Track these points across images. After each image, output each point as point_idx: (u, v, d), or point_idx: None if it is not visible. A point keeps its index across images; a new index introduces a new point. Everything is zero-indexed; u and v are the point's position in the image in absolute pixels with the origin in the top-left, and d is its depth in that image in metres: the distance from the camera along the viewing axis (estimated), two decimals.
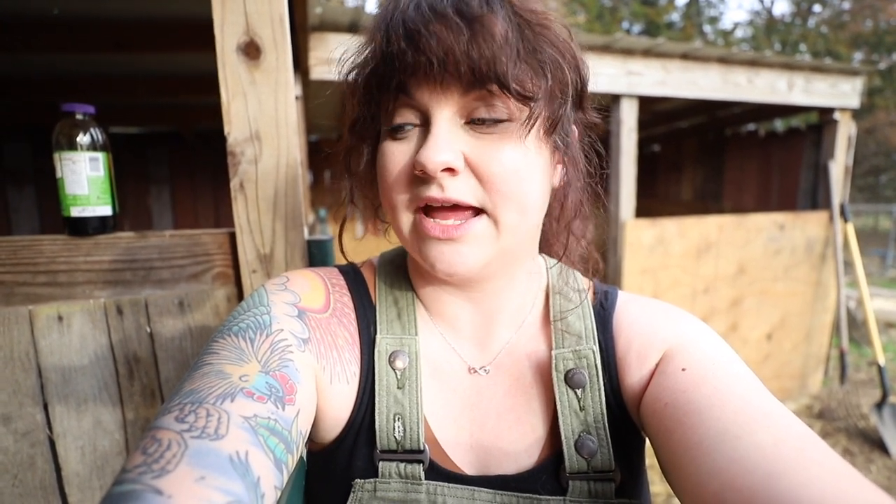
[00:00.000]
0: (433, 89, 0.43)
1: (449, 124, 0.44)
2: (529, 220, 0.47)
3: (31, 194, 3.44)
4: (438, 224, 0.45)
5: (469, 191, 0.44)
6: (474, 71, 0.40)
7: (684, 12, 18.97)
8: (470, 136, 0.44)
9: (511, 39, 0.41)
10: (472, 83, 0.42)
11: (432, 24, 0.40)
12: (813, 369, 3.24)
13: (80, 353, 0.82)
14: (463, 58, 0.40)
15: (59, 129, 0.78)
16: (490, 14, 0.40)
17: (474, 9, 0.40)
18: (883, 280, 7.56)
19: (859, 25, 15.52)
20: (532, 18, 0.43)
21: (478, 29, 0.40)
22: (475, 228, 0.45)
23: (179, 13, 1.67)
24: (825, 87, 2.93)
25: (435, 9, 0.40)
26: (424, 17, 0.40)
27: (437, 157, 0.42)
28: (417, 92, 0.44)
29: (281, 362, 0.44)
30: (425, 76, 0.42)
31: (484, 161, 0.44)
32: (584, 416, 0.50)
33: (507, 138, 0.44)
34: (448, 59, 0.40)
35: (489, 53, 0.40)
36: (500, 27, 0.40)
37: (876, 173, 15.38)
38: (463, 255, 0.46)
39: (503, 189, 0.44)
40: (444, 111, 0.44)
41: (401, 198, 0.47)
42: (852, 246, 3.01)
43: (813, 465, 0.33)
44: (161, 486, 0.30)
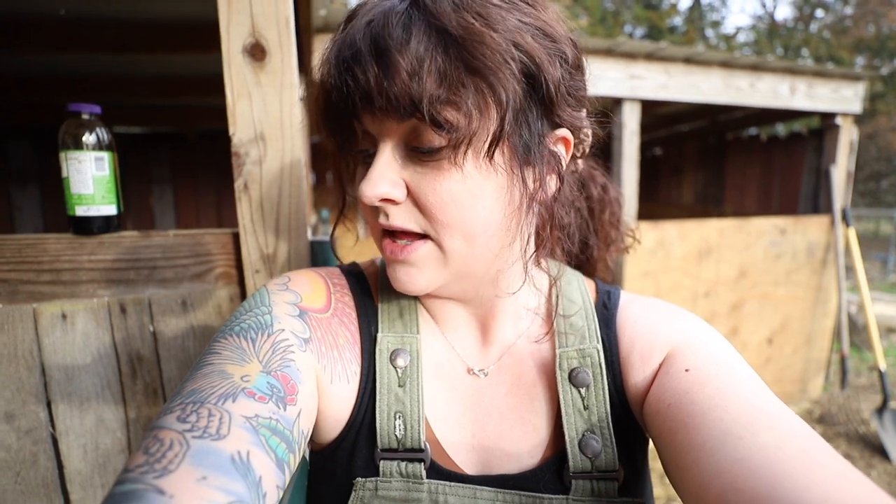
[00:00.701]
0: (374, 118, 0.44)
1: (392, 153, 0.45)
2: (481, 245, 0.46)
3: (34, 193, 3.45)
4: (391, 244, 0.48)
5: (411, 218, 0.46)
6: (393, 105, 0.40)
7: (687, 16, 18.99)
8: (413, 164, 0.45)
9: (427, 65, 0.39)
10: (402, 117, 0.41)
11: (351, 62, 0.41)
12: (814, 374, 3.23)
13: (84, 351, 0.83)
14: (379, 95, 0.40)
15: (65, 128, 0.79)
16: (404, 43, 0.39)
17: (387, 40, 0.39)
18: (884, 285, 7.54)
19: (861, 30, 15.52)
20: (461, 32, 0.39)
21: (386, 63, 0.39)
22: (420, 251, 0.47)
23: (185, 15, 1.68)
24: (827, 92, 2.93)
25: (355, 45, 0.41)
26: (348, 55, 0.41)
27: (372, 191, 0.44)
28: (365, 119, 0.44)
29: (282, 362, 0.44)
30: (363, 109, 0.43)
31: (422, 191, 0.44)
32: (588, 415, 0.50)
33: (445, 166, 0.43)
34: (370, 97, 0.41)
35: (400, 87, 0.39)
36: (412, 56, 0.39)
37: (877, 178, 15.36)
38: (412, 275, 0.48)
39: (442, 218, 0.44)
40: (387, 140, 0.44)
41: (369, 219, 0.50)
42: (854, 250, 3.01)
43: (816, 467, 0.33)
44: (163, 485, 0.31)
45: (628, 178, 2.55)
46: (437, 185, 0.43)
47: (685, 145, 4.66)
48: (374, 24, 0.40)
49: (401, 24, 0.40)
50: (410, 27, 0.40)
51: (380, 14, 0.41)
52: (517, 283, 0.53)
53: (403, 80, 0.39)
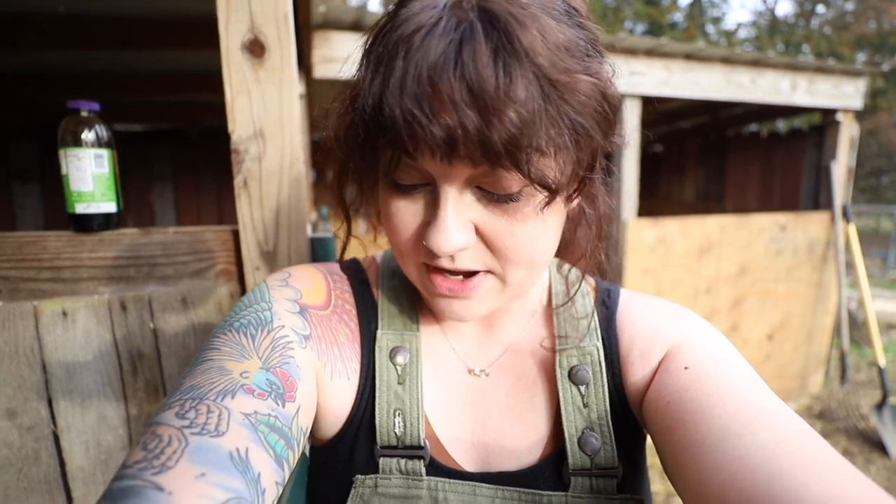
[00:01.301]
0: (440, 162, 0.37)
1: (458, 198, 0.40)
2: (538, 273, 0.46)
3: (35, 191, 3.44)
4: (447, 280, 0.44)
5: (479, 259, 0.43)
6: (488, 155, 0.35)
7: (687, 12, 18.92)
8: (480, 205, 0.41)
9: (533, 117, 0.34)
10: (486, 164, 0.36)
11: (436, 109, 0.34)
12: (813, 370, 3.24)
13: (85, 348, 0.83)
14: (473, 145, 0.34)
15: (64, 125, 0.79)
16: (508, 89, 0.33)
17: (488, 83, 0.33)
18: (884, 281, 7.54)
19: (863, 27, 15.46)
20: (559, 78, 0.35)
21: (492, 112, 0.33)
22: (483, 286, 0.44)
23: (184, 11, 1.68)
24: (828, 88, 2.92)
25: (437, 87, 0.33)
26: (426, 96, 0.34)
27: (449, 244, 0.39)
28: (423, 160, 0.38)
29: (282, 359, 0.44)
30: (431, 153, 0.36)
31: (497, 234, 0.41)
32: (588, 412, 0.50)
33: (521, 208, 0.40)
34: (455, 147, 0.35)
35: (506, 138, 0.34)
36: (519, 105, 0.33)
37: (878, 175, 15.33)
38: (470, 308, 0.46)
39: (513, 258, 0.42)
40: (453, 184, 0.39)
41: (409, 252, 0.45)
42: (854, 247, 3.00)
43: (815, 464, 0.33)
44: (161, 482, 0.31)
45: (629, 174, 2.54)
46: (513, 228, 0.41)
47: (686, 142, 4.65)
48: (464, 63, 0.33)
49: (496, 65, 0.33)
50: (509, 68, 0.33)
51: (461, 46, 0.34)
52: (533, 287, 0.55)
53: (509, 132, 0.34)
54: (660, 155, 5.08)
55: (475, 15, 0.35)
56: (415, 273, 0.47)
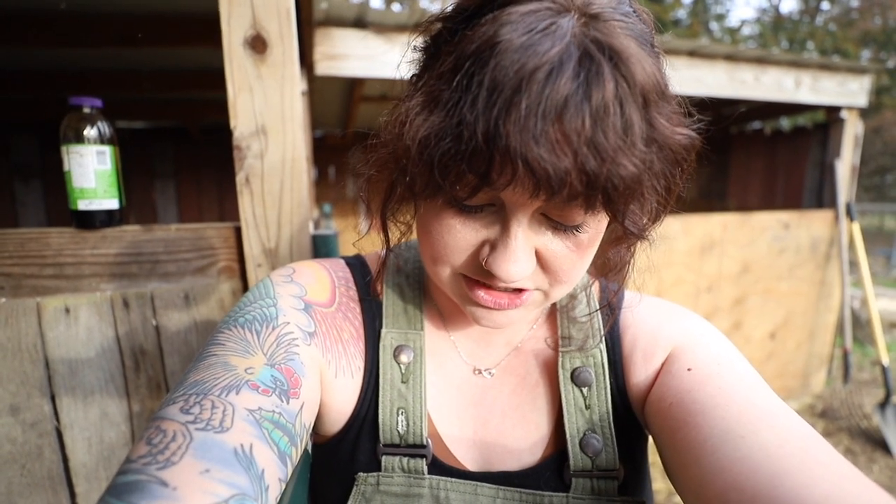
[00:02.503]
0: (522, 195, 0.35)
1: (528, 224, 0.39)
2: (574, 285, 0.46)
3: (37, 188, 3.45)
4: (493, 293, 0.43)
5: (532, 281, 0.43)
6: (588, 201, 0.35)
7: (691, 9, 18.83)
8: (546, 230, 0.40)
9: (643, 167, 0.34)
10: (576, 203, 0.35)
11: (559, 148, 0.32)
12: (816, 368, 3.23)
13: (87, 345, 0.83)
14: (580, 187, 0.33)
15: (66, 122, 0.78)
16: (625, 150, 0.32)
17: (613, 131, 0.32)
18: (888, 280, 7.51)
19: (868, 23, 15.36)
20: (667, 140, 0.35)
21: (610, 164, 0.32)
22: (526, 300, 0.44)
23: (186, 8, 1.68)
24: (832, 86, 2.90)
25: (565, 128, 0.31)
26: (551, 138, 0.32)
27: (516, 272, 0.39)
28: (502, 188, 0.35)
29: (287, 355, 0.44)
30: (524, 188, 0.34)
31: (557, 261, 0.41)
32: (590, 414, 0.50)
33: (584, 238, 0.41)
34: (562, 188, 0.33)
35: (610, 192, 0.34)
36: (635, 159, 0.33)
37: (882, 173, 15.26)
38: (510, 317, 0.45)
39: (566, 279, 0.43)
40: (526, 213, 0.39)
41: (452, 263, 0.43)
42: (857, 245, 2.99)
43: (817, 466, 0.33)
44: (166, 477, 0.31)
45: None
46: (573, 255, 0.41)
47: None
48: (594, 108, 0.31)
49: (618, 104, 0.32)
50: (630, 115, 0.32)
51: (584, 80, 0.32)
52: None
53: (622, 182, 0.33)
54: None
55: (594, 46, 0.32)
56: (450, 281, 0.45)
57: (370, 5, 1.89)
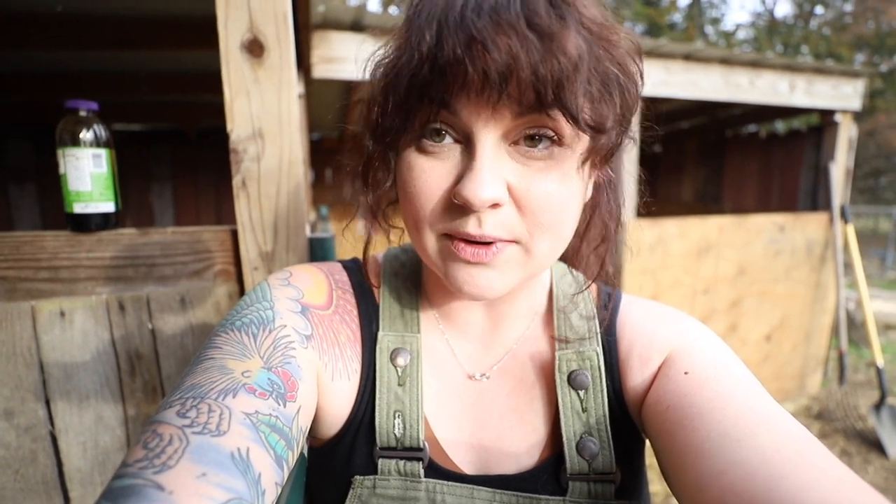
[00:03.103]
0: (482, 109, 0.38)
1: (495, 150, 0.39)
2: (561, 248, 0.45)
3: (32, 191, 3.44)
4: (471, 245, 0.42)
5: (507, 225, 0.41)
6: (539, 93, 0.35)
7: (686, 13, 18.95)
8: (515, 162, 0.40)
9: (584, 60, 0.35)
10: (531, 107, 0.37)
11: (500, 34, 0.34)
12: (812, 370, 3.24)
13: (82, 349, 0.83)
14: (529, 77, 0.35)
15: (62, 125, 0.78)
16: (563, 29, 0.35)
17: (546, 22, 0.34)
18: (882, 282, 7.55)
19: (861, 27, 15.50)
20: (602, 33, 0.37)
21: (550, 47, 0.34)
22: (506, 253, 0.43)
23: (183, 11, 1.68)
24: (826, 89, 2.93)
25: (501, 16, 0.34)
26: (490, 25, 0.34)
27: (484, 194, 0.38)
28: (464, 109, 0.38)
29: (283, 358, 0.44)
30: (478, 93, 0.36)
31: (530, 193, 0.40)
32: (587, 417, 0.50)
33: (557, 166, 0.40)
34: (511, 78, 0.35)
35: (559, 76, 0.34)
36: (573, 45, 0.35)
37: (876, 175, 15.37)
38: (492, 279, 0.43)
39: (543, 221, 0.41)
40: (490, 135, 0.39)
41: (429, 220, 0.43)
42: (852, 247, 3.01)
43: (813, 470, 0.33)
44: (162, 481, 0.30)
45: (628, 175, 2.55)
46: (547, 185, 0.40)
47: (684, 142, 4.66)
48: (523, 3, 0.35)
49: (547, 4, 0.35)
50: (563, 15, 0.35)
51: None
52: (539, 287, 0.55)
53: (570, 67, 0.34)
54: (658, 155, 5.09)
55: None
56: (433, 246, 0.45)
57: (367, 9, 1.89)
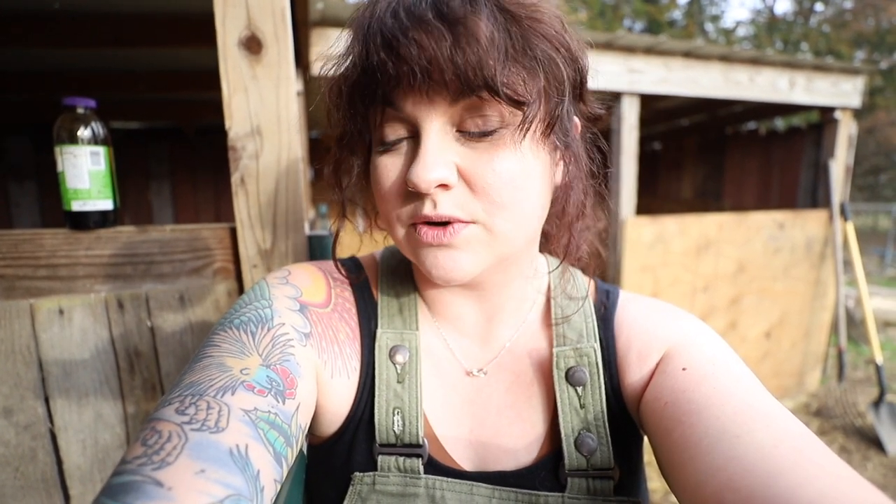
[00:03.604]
0: (419, 100, 0.41)
1: (439, 136, 0.42)
2: (525, 227, 0.46)
3: (32, 190, 3.43)
4: (431, 227, 0.44)
5: (462, 205, 0.43)
6: (461, 78, 0.38)
7: (686, 10, 18.91)
8: (462, 146, 0.43)
9: (498, 40, 0.38)
10: (460, 91, 0.39)
11: (411, 30, 0.37)
12: (811, 367, 3.25)
13: (81, 346, 0.83)
14: (447, 65, 0.37)
15: (60, 122, 0.78)
16: (473, 14, 0.37)
17: (456, 10, 0.37)
18: (882, 279, 7.56)
19: (861, 24, 15.47)
20: (520, 12, 0.40)
21: (461, 32, 0.37)
22: (465, 232, 0.44)
23: (181, 8, 1.67)
24: (826, 86, 2.92)
25: (413, 13, 0.38)
26: (402, 24, 0.38)
27: (429, 175, 0.40)
28: (404, 103, 0.42)
29: (282, 356, 0.44)
30: (410, 87, 0.40)
31: (478, 172, 0.42)
32: (585, 413, 0.50)
33: (501, 145, 0.42)
34: (432, 68, 0.38)
35: (475, 58, 0.37)
36: (484, 28, 0.37)
37: (876, 173, 15.36)
38: (458, 260, 0.45)
39: (497, 199, 0.42)
40: (433, 122, 0.42)
41: (395, 212, 0.46)
42: (852, 245, 3.01)
43: (811, 466, 0.33)
44: (161, 477, 0.31)
45: (627, 172, 2.54)
46: (494, 164, 0.42)
47: (684, 140, 4.65)
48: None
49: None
50: (473, 1, 0.38)
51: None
52: (529, 280, 0.55)
53: (482, 49, 0.37)
54: (658, 153, 5.08)
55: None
56: (403, 236, 0.47)
57: None
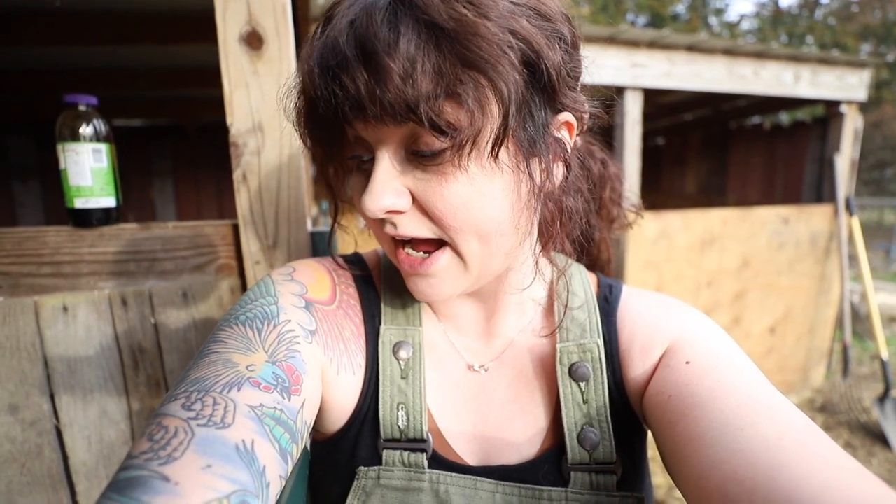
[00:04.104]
0: (367, 125, 0.40)
1: (392, 160, 0.42)
2: (496, 246, 0.44)
3: (35, 188, 3.44)
4: (409, 257, 0.45)
5: (421, 224, 0.43)
6: (388, 112, 0.37)
7: (690, 4, 18.78)
8: (415, 168, 0.42)
9: (419, 68, 0.36)
10: (396, 121, 0.38)
11: (338, 70, 0.37)
12: (816, 363, 3.24)
13: (86, 343, 0.83)
14: (371, 103, 0.37)
15: (62, 120, 0.78)
16: (390, 45, 0.36)
17: (374, 41, 0.36)
18: (887, 274, 7.52)
19: (867, 17, 15.33)
20: (451, 25, 0.36)
21: (377, 69, 0.36)
22: (440, 263, 0.45)
23: (181, 4, 1.67)
24: (832, 80, 2.90)
25: (339, 51, 0.37)
26: (333, 63, 0.38)
27: (375, 204, 0.41)
28: (358, 125, 0.41)
29: (288, 353, 0.44)
30: (355, 117, 0.39)
31: (429, 198, 0.42)
32: (587, 408, 0.50)
33: (449, 169, 0.40)
34: (361, 105, 0.37)
35: (393, 94, 0.36)
36: (401, 59, 0.35)
37: (882, 167, 15.26)
38: (435, 287, 0.47)
39: (453, 224, 0.42)
40: (384, 147, 0.41)
41: (373, 227, 0.47)
42: (857, 240, 2.99)
43: (815, 458, 0.33)
44: (168, 472, 0.31)
45: (631, 167, 2.53)
46: (443, 190, 0.41)
47: (688, 134, 4.63)
48: (358, 25, 0.37)
49: (387, 23, 0.36)
50: (398, 25, 0.36)
51: (362, 12, 0.37)
52: (527, 279, 0.53)
53: (396, 84, 0.36)
54: (662, 148, 5.06)
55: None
56: (390, 254, 0.48)
57: None
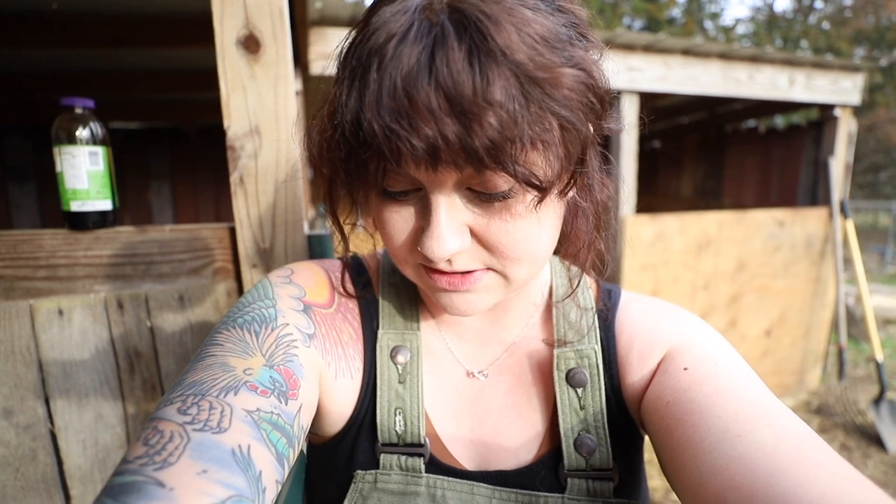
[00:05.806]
0: (424, 167, 0.36)
1: (449, 202, 0.39)
2: (539, 267, 0.45)
3: (31, 191, 3.42)
4: (443, 276, 0.43)
5: (476, 258, 0.42)
6: (471, 160, 0.34)
7: (685, 8, 18.90)
8: (473, 206, 0.40)
9: (514, 117, 0.33)
10: (478, 168, 0.35)
11: (414, 119, 0.33)
12: (811, 365, 3.25)
13: (81, 347, 0.83)
14: (456, 153, 0.34)
15: (58, 123, 0.78)
16: (485, 93, 0.32)
17: (464, 88, 0.32)
18: (882, 277, 7.56)
19: (861, 22, 15.46)
20: (539, 75, 0.33)
21: (471, 120, 0.32)
22: (483, 281, 0.43)
23: (179, 8, 1.67)
24: (826, 84, 2.92)
25: (414, 98, 0.32)
26: (403, 109, 0.33)
27: (443, 250, 0.38)
28: (407, 167, 0.37)
29: (285, 357, 0.44)
30: (416, 163, 0.35)
31: (492, 233, 0.40)
32: (584, 414, 0.50)
33: (515, 205, 0.39)
34: (437, 156, 0.34)
35: (487, 143, 0.33)
36: (496, 109, 0.32)
37: (876, 170, 15.36)
38: (472, 302, 0.45)
39: (512, 255, 0.41)
40: (443, 190, 0.39)
41: (405, 257, 0.44)
42: (852, 243, 3.01)
43: (813, 465, 0.33)
44: (163, 478, 0.30)
45: (626, 171, 2.54)
46: (509, 226, 0.40)
47: (684, 138, 4.65)
48: (438, 69, 0.32)
49: (467, 64, 0.32)
50: (485, 69, 0.32)
51: (430, 44, 0.33)
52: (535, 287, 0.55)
53: (490, 136, 0.33)
54: (658, 151, 5.08)
55: (446, 17, 0.33)
56: (413, 274, 0.46)
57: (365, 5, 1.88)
